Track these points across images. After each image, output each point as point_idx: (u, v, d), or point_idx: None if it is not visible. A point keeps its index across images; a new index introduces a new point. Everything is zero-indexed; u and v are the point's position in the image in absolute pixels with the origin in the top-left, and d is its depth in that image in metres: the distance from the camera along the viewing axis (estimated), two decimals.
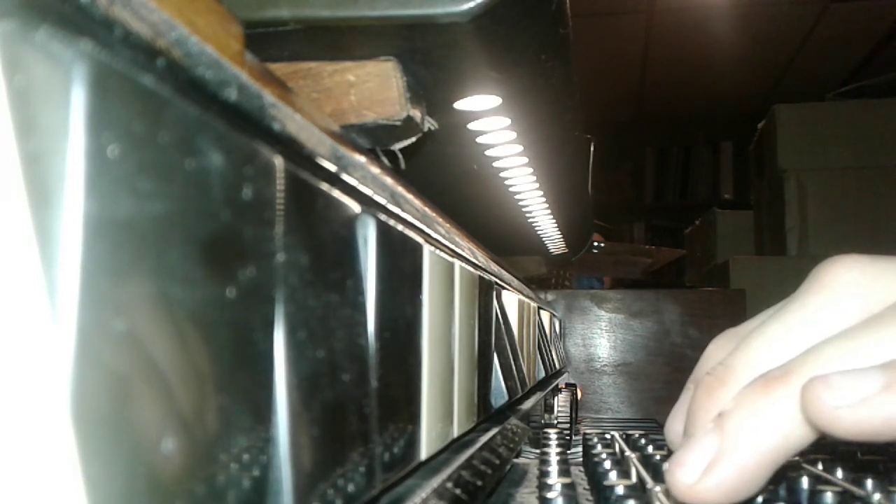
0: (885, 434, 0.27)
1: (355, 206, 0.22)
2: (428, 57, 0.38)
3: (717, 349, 0.36)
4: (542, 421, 0.80)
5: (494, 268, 0.52)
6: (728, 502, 0.29)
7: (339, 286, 0.21)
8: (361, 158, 0.25)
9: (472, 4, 0.33)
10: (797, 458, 0.44)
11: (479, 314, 0.40)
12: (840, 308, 0.31)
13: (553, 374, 0.88)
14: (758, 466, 0.29)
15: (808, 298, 0.32)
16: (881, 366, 0.28)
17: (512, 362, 0.51)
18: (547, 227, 0.97)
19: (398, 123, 0.39)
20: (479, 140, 0.54)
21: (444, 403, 0.31)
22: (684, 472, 0.30)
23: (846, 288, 0.31)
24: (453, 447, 0.36)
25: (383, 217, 0.24)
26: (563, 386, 1.04)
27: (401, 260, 0.26)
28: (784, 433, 0.29)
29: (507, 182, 0.70)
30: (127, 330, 0.12)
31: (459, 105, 0.46)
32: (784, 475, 0.39)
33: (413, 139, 0.42)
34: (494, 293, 0.47)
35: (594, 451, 0.51)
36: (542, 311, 0.86)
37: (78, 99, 0.11)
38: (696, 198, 3.39)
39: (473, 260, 0.41)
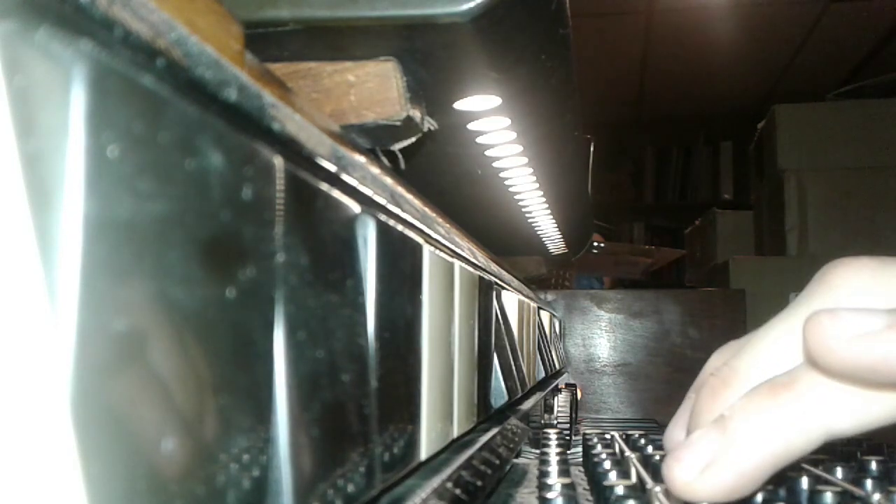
0: (880, 373, 0.27)
1: (355, 206, 0.22)
2: (428, 57, 0.38)
3: (719, 359, 0.36)
4: (542, 421, 0.80)
5: (494, 268, 0.52)
6: (724, 501, 0.29)
7: (339, 286, 0.21)
8: (361, 158, 0.25)
9: (472, 4, 0.33)
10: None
11: (479, 314, 0.40)
12: None
13: (553, 375, 0.88)
14: (756, 468, 0.29)
15: (814, 300, 0.32)
16: (890, 309, 0.27)
17: (512, 362, 0.51)
18: (547, 227, 0.97)
19: (398, 123, 0.39)
20: (479, 140, 0.54)
21: (444, 403, 0.31)
22: (682, 468, 0.30)
23: (853, 289, 0.31)
24: (453, 447, 0.36)
25: (383, 217, 0.24)
26: (563, 386, 1.04)
27: (401, 260, 0.26)
28: (786, 438, 0.29)
29: (507, 182, 0.70)
30: (127, 330, 0.12)
31: (459, 105, 0.46)
32: (784, 475, 0.39)
33: (413, 139, 0.42)
34: (494, 293, 0.47)
35: (594, 451, 0.51)
36: (542, 311, 0.86)
37: (78, 99, 0.11)
38: (696, 198, 3.39)
39: (473, 260, 0.41)
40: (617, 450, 0.52)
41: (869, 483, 0.38)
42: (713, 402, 0.32)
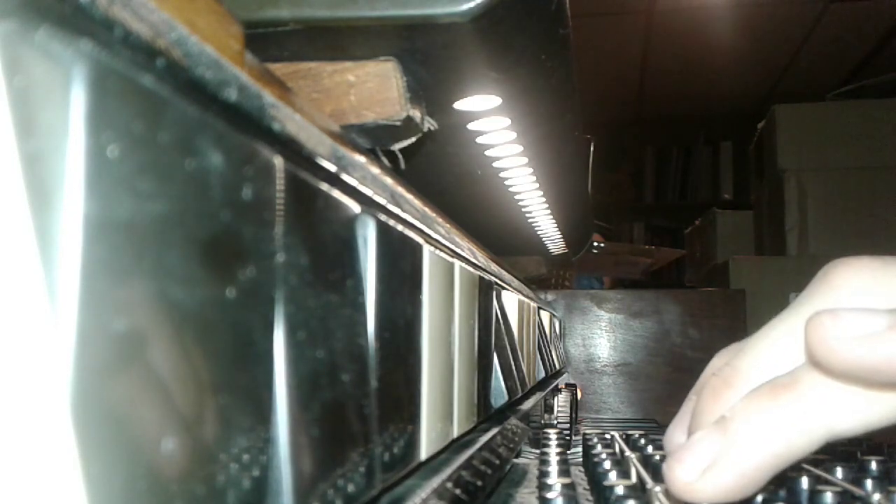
0: (883, 374, 0.27)
1: (355, 206, 0.22)
2: (428, 57, 0.38)
3: (720, 360, 0.36)
4: (542, 421, 0.80)
5: (494, 268, 0.52)
6: (725, 502, 0.29)
7: (339, 286, 0.21)
8: (361, 158, 0.25)
9: (472, 4, 0.33)
10: None
11: (479, 314, 0.40)
12: None
13: (553, 375, 0.88)
14: (758, 470, 0.29)
15: (815, 300, 0.32)
16: (891, 309, 0.27)
17: (512, 362, 0.51)
18: (547, 227, 0.97)
19: (398, 123, 0.39)
20: (479, 140, 0.54)
21: (444, 403, 0.31)
22: (683, 469, 0.30)
23: (854, 289, 0.31)
24: (453, 447, 0.36)
25: (383, 217, 0.24)
26: (563, 386, 1.04)
27: (401, 260, 0.26)
28: (788, 439, 0.29)
29: (507, 182, 0.70)
30: (127, 330, 0.12)
31: (459, 105, 0.46)
32: (784, 475, 0.39)
33: (413, 139, 0.42)
34: (494, 293, 0.47)
35: (594, 451, 0.51)
36: (542, 311, 0.86)
37: (78, 99, 0.11)
38: (696, 198, 3.39)
39: (473, 260, 0.41)
40: (617, 450, 0.52)
41: (869, 483, 0.38)
42: (714, 403, 0.32)
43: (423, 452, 0.28)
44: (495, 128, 0.52)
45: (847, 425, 0.29)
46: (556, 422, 0.88)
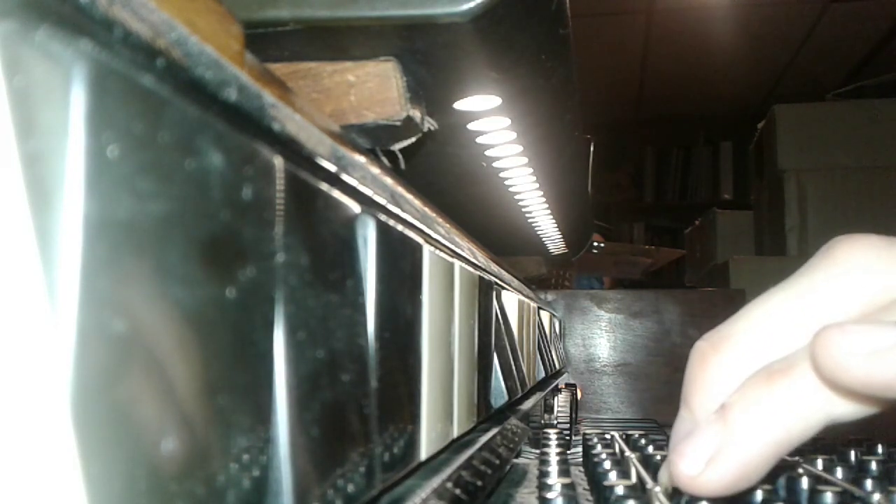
0: (892, 391, 0.27)
1: (355, 206, 0.22)
2: (428, 57, 0.38)
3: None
4: (542, 421, 0.80)
5: (494, 268, 0.52)
6: (729, 493, 0.29)
7: (339, 286, 0.21)
8: (361, 158, 0.25)
9: (472, 4, 0.33)
10: (797, 458, 0.44)
11: (479, 314, 0.39)
12: (849, 283, 0.30)
13: (553, 375, 0.88)
14: (760, 459, 0.29)
15: (818, 273, 0.31)
16: None
17: (512, 362, 0.51)
18: (547, 227, 0.97)
19: (398, 123, 0.39)
20: (479, 140, 0.54)
21: (444, 403, 0.31)
22: (686, 463, 0.30)
23: (857, 265, 0.30)
24: (453, 447, 0.36)
25: (383, 217, 0.24)
26: (563, 386, 1.04)
27: (401, 260, 0.26)
28: (786, 426, 0.29)
29: (507, 182, 0.70)
30: (127, 330, 0.12)
31: (459, 105, 0.46)
32: (784, 475, 0.39)
33: (413, 139, 0.42)
34: (494, 293, 0.47)
35: (594, 451, 0.51)
36: (542, 311, 0.86)
37: (78, 99, 0.11)
38: (696, 198, 3.39)
39: (473, 260, 0.41)
40: (617, 450, 0.52)
41: (869, 483, 0.38)
42: (702, 369, 0.32)
43: (423, 452, 0.28)
44: (495, 128, 0.52)
45: (845, 410, 0.29)
46: (556, 422, 0.88)
